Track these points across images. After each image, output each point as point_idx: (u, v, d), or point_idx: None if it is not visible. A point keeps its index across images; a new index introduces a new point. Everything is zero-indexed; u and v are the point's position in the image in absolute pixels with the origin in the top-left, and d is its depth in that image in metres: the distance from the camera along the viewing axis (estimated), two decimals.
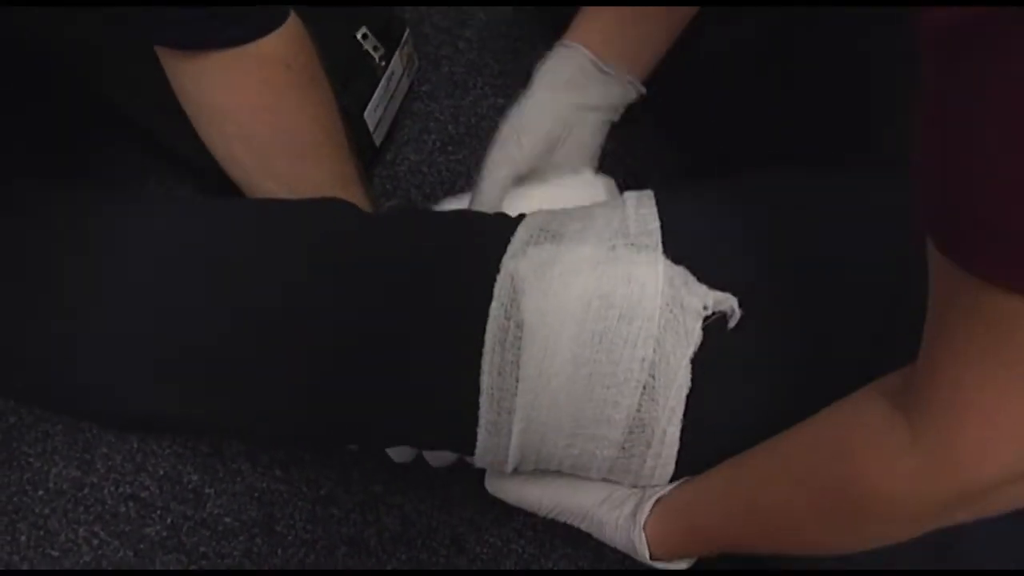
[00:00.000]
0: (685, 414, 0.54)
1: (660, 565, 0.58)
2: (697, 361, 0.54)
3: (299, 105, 0.66)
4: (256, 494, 0.80)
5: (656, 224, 0.57)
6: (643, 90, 0.70)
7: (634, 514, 0.57)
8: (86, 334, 0.59)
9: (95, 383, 0.59)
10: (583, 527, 0.61)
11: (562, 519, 0.62)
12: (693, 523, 0.56)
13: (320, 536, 0.78)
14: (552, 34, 0.94)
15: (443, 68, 0.95)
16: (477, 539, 0.78)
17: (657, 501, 0.57)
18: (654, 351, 0.53)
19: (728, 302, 0.54)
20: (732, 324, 0.54)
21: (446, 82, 0.95)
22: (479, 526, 0.78)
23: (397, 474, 0.77)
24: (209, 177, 0.70)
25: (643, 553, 0.57)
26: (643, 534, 0.57)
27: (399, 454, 0.68)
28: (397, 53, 0.82)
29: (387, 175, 0.90)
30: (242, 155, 0.64)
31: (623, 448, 0.56)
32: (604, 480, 0.60)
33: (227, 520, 0.79)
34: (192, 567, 0.78)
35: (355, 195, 0.67)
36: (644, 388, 0.54)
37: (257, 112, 0.64)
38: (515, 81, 0.94)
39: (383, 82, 0.82)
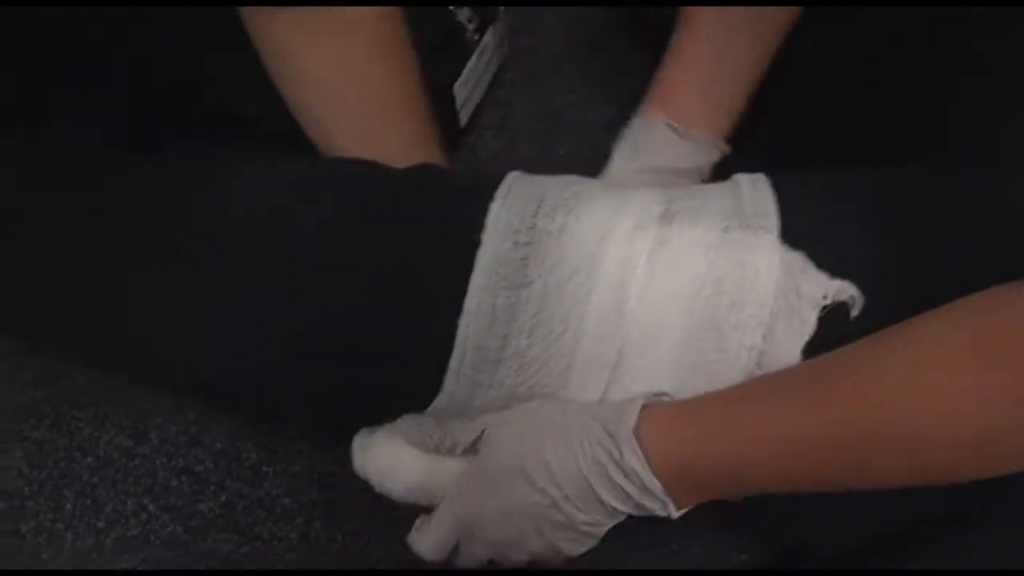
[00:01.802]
0: None
1: (656, 503, 0.48)
2: (810, 353, 0.51)
3: (385, 70, 0.64)
4: (317, 476, 0.75)
5: (772, 206, 0.55)
6: (727, 149, 0.69)
7: (619, 413, 0.49)
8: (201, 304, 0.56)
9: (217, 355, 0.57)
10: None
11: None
12: (726, 427, 0.47)
13: (380, 522, 0.74)
14: (634, 29, 0.93)
15: (527, 58, 0.93)
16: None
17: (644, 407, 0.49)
18: (764, 339, 0.50)
19: (848, 291, 0.51)
20: (855, 313, 0.51)
21: (529, 72, 0.93)
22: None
23: None
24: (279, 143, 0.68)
25: (633, 461, 0.47)
26: (631, 433, 0.47)
27: None
28: (491, 28, 0.80)
29: (468, 160, 0.88)
30: (324, 117, 0.63)
31: None
32: None
33: (285, 501, 0.75)
34: (244, 548, 0.74)
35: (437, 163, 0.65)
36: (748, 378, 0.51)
37: (342, 75, 0.62)
38: (598, 75, 0.93)
39: (475, 56, 0.80)
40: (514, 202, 0.53)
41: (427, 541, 0.56)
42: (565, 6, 0.95)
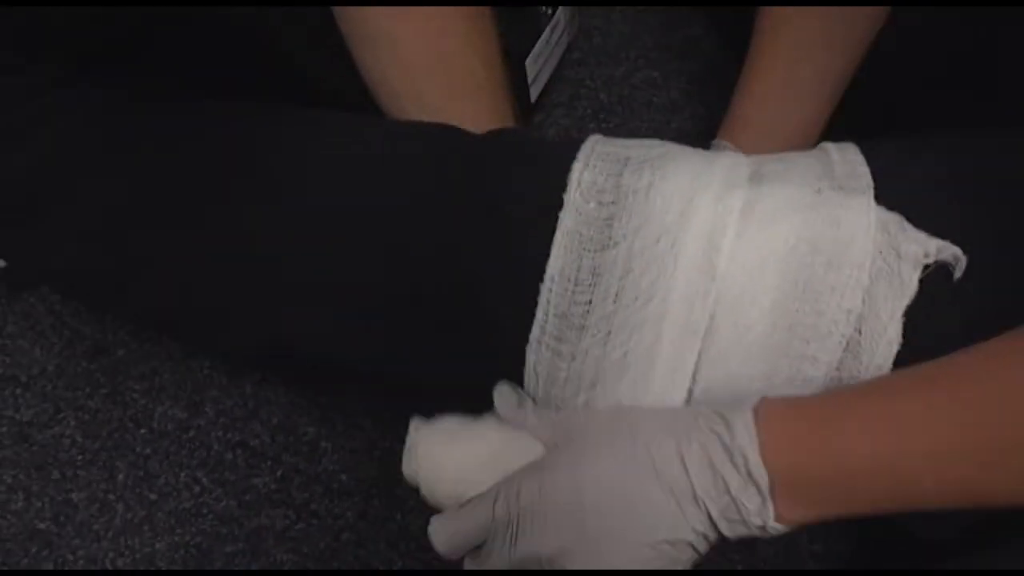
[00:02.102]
0: None
1: (756, 501, 0.42)
2: (910, 317, 0.47)
3: (464, 37, 0.62)
4: (377, 452, 0.73)
5: (865, 168, 0.51)
6: None
7: (737, 407, 0.44)
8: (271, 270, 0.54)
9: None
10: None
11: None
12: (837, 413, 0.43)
13: None
14: (703, 11, 0.91)
15: (595, 39, 0.91)
16: None
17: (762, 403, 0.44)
18: (863, 302, 0.47)
19: (951, 250, 0.47)
20: (958, 274, 0.47)
21: (598, 52, 0.90)
22: None
23: None
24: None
25: (744, 440, 0.42)
26: (751, 423, 0.42)
27: None
28: (562, 6, 0.79)
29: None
30: (397, 82, 0.60)
31: None
32: None
33: (343, 477, 0.72)
34: (300, 524, 0.71)
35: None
36: (848, 344, 0.47)
37: (419, 38, 0.60)
38: (666, 55, 0.90)
39: (547, 31, 0.78)
40: (598, 161, 0.50)
41: (448, 530, 0.49)
42: (632, 5, 0.93)
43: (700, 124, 0.86)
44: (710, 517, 0.43)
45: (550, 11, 0.78)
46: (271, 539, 0.70)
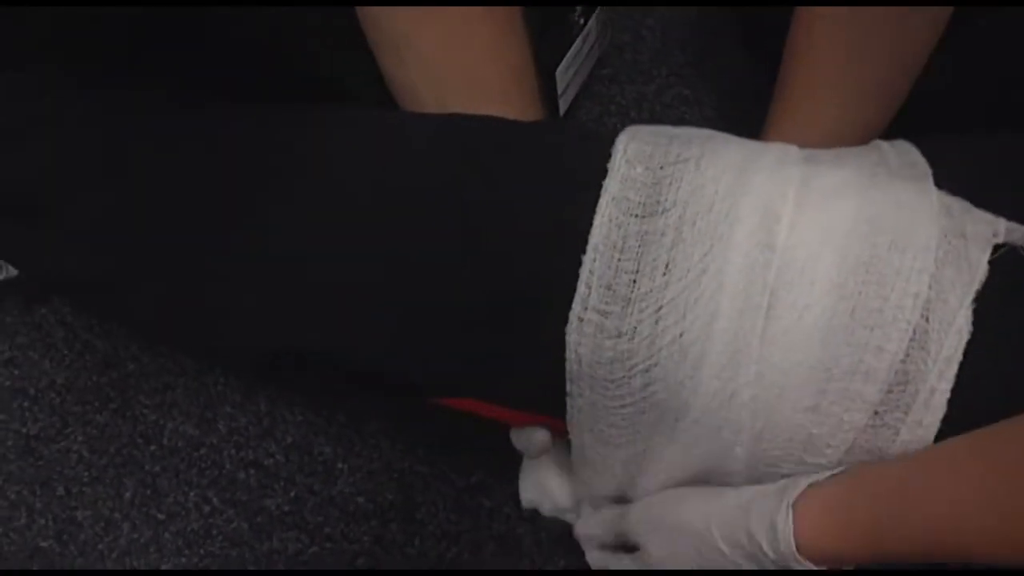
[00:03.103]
0: (960, 370, 0.44)
1: (807, 567, 0.44)
2: (980, 304, 0.44)
3: (491, 44, 0.59)
4: (395, 475, 0.69)
5: (921, 158, 0.48)
6: None
7: (781, 492, 0.45)
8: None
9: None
10: (691, 546, 0.48)
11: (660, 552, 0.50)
12: (891, 515, 0.43)
13: (466, 529, 0.67)
14: (736, 27, 0.88)
15: (626, 55, 0.89)
16: None
17: (810, 485, 0.45)
18: (930, 287, 0.43)
19: (1022, 230, 0.44)
20: None
21: (629, 68, 0.88)
22: None
23: None
24: None
25: (786, 542, 0.43)
26: (790, 517, 0.44)
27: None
28: (596, 13, 0.76)
29: None
30: (423, 89, 0.58)
31: (876, 414, 0.45)
32: None
33: (360, 500, 0.69)
34: (313, 548, 0.67)
35: None
36: (915, 333, 0.44)
37: (445, 43, 0.58)
38: (699, 72, 0.88)
39: (578, 41, 0.76)
40: (645, 135, 0.48)
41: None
42: (666, 5, 0.91)
43: None
44: None
45: (582, 20, 0.76)
46: (282, 563, 0.67)
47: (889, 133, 0.56)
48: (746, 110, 0.86)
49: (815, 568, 0.43)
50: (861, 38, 0.57)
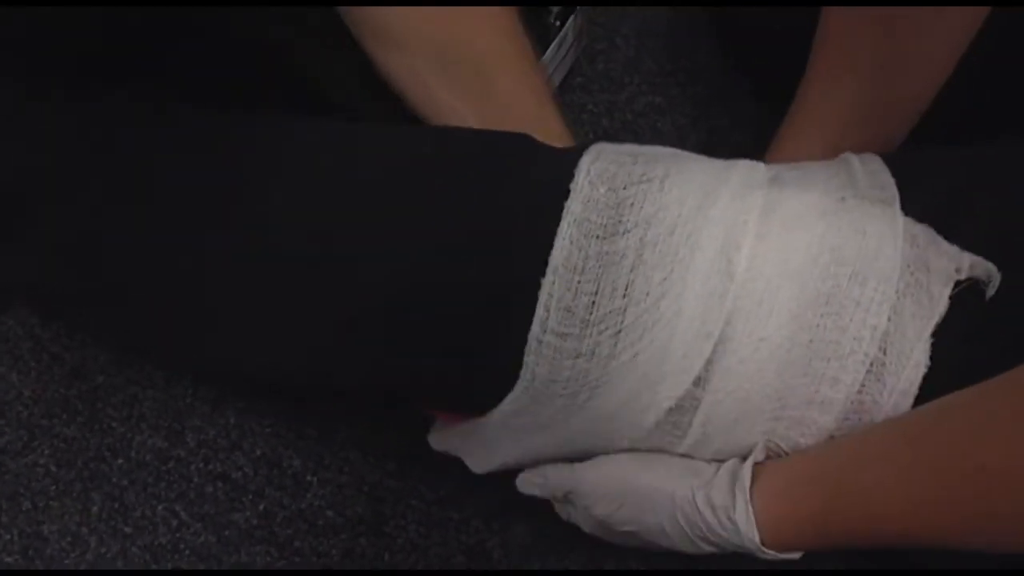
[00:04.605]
0: (915, 404, 0.44)
1: (771, 557, 0.45)
2: (939, 338, 0.44)
3: (479, 15, 0.58)
4: (365, 488, 0.69)
5: (890, 179, 0.48)
6: None
7: (732, 482, 0.45)
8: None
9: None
10: (637, 522, 0.49)
11: (606, 512, 0.50)
12: (833, 497, 0.43)
13: (435, 542, 0.67)
14: (710, 36, 0.89)
15: (598, 64, 0.89)
16: (618, 560, 0.66)
17: (758, 471, 0.45)
18: (889, 319, 0.44)
19: (984, 266, 0.44)
20: (991, 292, 0.44)
21: (601, 77, 0.88)
22: (621, 551, 0.67)
23: None
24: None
25: (750, 539, 0.44)
26: (750, 513, 0.44)
27: None
28: (572, 18, 0.76)
29: None
30: (424, 70, 0.57)
31: (832, 439, 0.46)
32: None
33: (329, 514, 0.68)
34: (281, 562, 0.67)
35: (550, 113, 0.60)
36: (872, 365, 0.44)
37: (430, 21, 0.56)
38: (672, 81, 0.88)
39: (554, 45, 0.76)
40: (609, 155, 0.48)
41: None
42: (641, 5, 0.90)
43: (706, 150, 0.83)
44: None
45: (558, 23, 0.76)
46: None
47: None
48: (719, 118, 0.86)
49: (777, 555, 0.44)
50: (892, 46, 0.55)
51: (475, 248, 0.47)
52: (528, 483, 0.54)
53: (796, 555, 0.45)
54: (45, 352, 0.75)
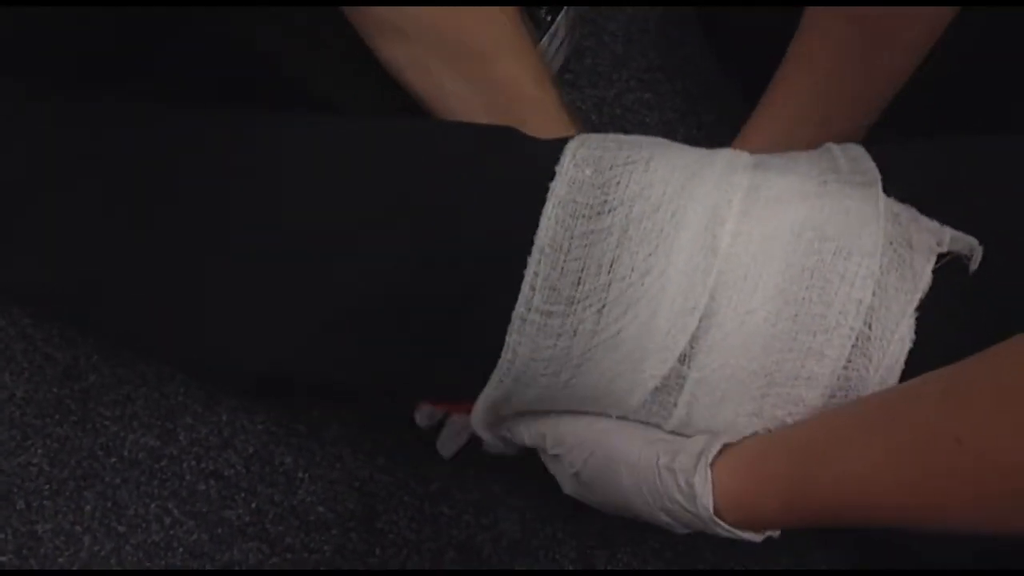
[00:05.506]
0: (901, 379, 0.44)
1: (725, 531, 0.44)
2: (924, 313, 0.44)
3: (479, 8, 0.58)
4: (356, 484, 0.70)
5: (872, 164, 0.49)
6: None
7: (699, 451, 0.45)
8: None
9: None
10: (603, 478, 0.48)
11: (577, 461, 0.49)
12: (803, 472, 0.43)
13: (427, 537, 0.67)
14: (698, 33, 0.89)
15: (587, 59, 0.89)
16: (609, 557, 0.67)
17: (726, 446, 0.45)
18: (874, 294, 0.44)
19: (966, 240, 0.45)
20: (974, 267, 0.44)
21: (590, 73, 0.88)
22: (612, 542, 0.67)
23: (519, 474, 0.67)
24: None
25: (704, 504, 0.43)
26: (708, 477, 0.44)
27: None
28: (563, 14, 0.76)
29: None
30: (426, 58, 0.57)
31: None
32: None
33: (320, 510, 0.69)
34: (273, 559, 0.68)
35: (551, 97, 0.60)
36: (857, 339, 0.44)
37: (432, 12, 0.57)
38: (660, 76, 0.89)
39: (545, 39, 0.76)
40: (595, 140, 0.48)
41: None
42: (631, 5, 0.91)
43: (695, 145, 0.84)
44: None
45: (549, 18, 0.76)
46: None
47: None
48: (707, 113, 0.87)
49: (731, 530, 0.44)
50: (862, 49, 0.57)
51: (461, 233, 0.47)
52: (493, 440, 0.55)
53: (756, 537, 0.44)
54: (37, 352, 0.76)
